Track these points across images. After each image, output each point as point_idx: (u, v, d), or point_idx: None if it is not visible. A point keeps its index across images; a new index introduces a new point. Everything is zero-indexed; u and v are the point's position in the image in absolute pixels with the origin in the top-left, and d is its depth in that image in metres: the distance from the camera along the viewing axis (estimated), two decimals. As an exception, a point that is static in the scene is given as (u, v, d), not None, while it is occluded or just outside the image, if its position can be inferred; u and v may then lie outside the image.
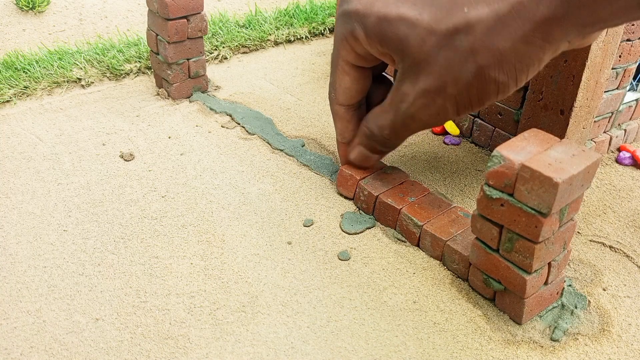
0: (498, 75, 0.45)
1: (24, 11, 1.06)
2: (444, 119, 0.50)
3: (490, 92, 0.47)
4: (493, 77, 0.45)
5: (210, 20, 1.05)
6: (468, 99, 0.48)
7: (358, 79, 0.56)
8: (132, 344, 0.45)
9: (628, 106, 0.73)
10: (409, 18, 0.47)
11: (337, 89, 0.57)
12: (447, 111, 0.49)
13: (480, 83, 0.46)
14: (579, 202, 0.46)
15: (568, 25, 0.42)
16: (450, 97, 0.48)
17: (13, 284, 0.50)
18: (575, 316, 0.49)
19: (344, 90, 0.57)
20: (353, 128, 0.59)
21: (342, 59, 0.54)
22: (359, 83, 0.56)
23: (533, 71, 0.46)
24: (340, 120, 0.59)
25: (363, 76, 0.56)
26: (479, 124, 0.74)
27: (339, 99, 0.58)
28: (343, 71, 0.55)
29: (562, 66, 0.61)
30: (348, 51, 0.53)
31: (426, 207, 0.57)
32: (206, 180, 0.65)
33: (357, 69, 0.55)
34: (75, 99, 0.80)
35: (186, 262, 0.53)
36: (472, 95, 0.47)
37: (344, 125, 0.60)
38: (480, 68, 0.45)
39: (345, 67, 0.55)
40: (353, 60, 0.54)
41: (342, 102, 0.58)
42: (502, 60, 0.44)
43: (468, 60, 0.45)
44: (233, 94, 0.84)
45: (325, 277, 0.52)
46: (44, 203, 0.60)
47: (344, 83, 0.56)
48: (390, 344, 0.46)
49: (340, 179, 0.62)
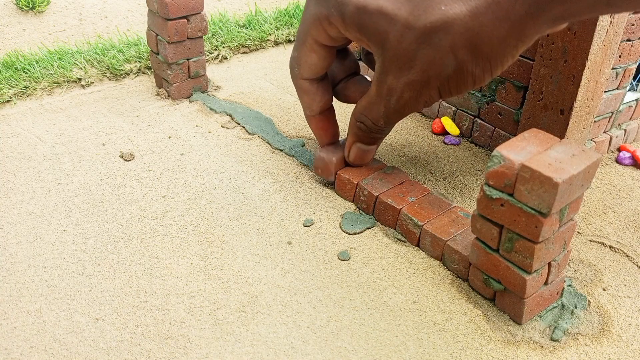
0: (475, 69, 0.48)
1: (24, 11, 1.06)
2: (431, 104, 0.54)
3: (468, 83, 0.50)
4: (471, 71, 0.48)
5: (210, 20, 1.05)
6: (449, 88, 0.51)
7: (325, 56, 0.57)
8: (132, 344, 0.45)
9: (628, 106, 0.73)
10: (387, 12, 0.48)
11: (303, 64, 0.58)
12: (433, 98, 0.52)
13: (459, 76, 0.49)
14: (579, 202, 0.46)
15: (541, 21, 0.44)
16: (434, 87, 0.51)
17: (13, 284, 0.50)
18: (575, 316, 0.49)
19: (310, 66, 0.58)
20: (320, 99, 0.61)
21: (311, 37, 0.55)
22: (325, 60, 0.58)
23: (507, 64, 0.49)
24: (306, 94, 0.60)
25: (330, 54, 0.57)
26: (479, 124, 0.74)
27: (304, 74, 0.59)
28: (311, 49, 0.56)
29: (562, 66, 0.61)
30: (320, 32, 0.54)
31: (426, 207, 0.57)
32: (206, 180, 0.65)
33: (325, 48, 0.56)
34: (75, 99, 0.80)
35: (186, 262, 0.53)
36: (452, 86, 0.50)
37: (310, 98, 0.60)
38: (460, 63, 0.48)
39: (314, 45, 0.56)
40: (323, 40, 0.55)
41: (307, 77, 0.59)
42: (480, 56, 0.47)
43: (448, 57, 0.48)
44: (233, 94, 0.84)
45: (325, 277, 0.52)
46: (44, 203, 0.60)
47: (311, 60, 0.57)
48: (390, 344, 0.46)
49: (339, 183, 0.62)
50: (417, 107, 0.53)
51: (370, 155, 0.62)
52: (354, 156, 0.61)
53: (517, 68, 0.67)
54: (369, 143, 0.60)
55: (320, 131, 0.63)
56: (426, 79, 0.50)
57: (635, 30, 0.64)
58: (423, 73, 0.49)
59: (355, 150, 0.61)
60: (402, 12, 0.48)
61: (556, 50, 0.60)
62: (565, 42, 0.59)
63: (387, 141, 0.74)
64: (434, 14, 0.46)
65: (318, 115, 0.62)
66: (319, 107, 0.61)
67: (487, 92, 0.72)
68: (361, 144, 0.60)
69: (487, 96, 0.72)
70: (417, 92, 0.51)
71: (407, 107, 0.53)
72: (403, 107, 0.53)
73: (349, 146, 0.61)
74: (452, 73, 0.49)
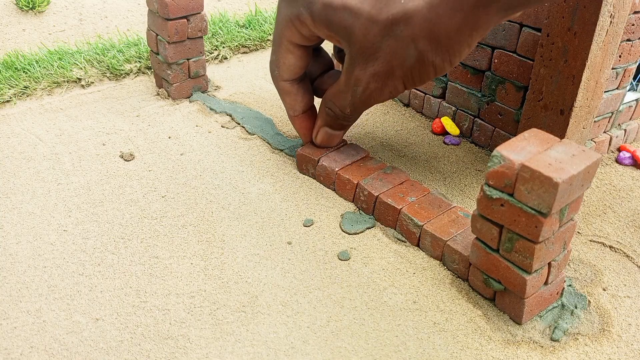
0: (435, 59, 0.51)
1: (24, 11, 1.06)
2: (396, 95, 0.56)
3: (430, 73, 0.52)
4: (431, 61, 0.51)
5: (210, 20, 1.05)
6: (412, 78, 0.53)
7: (301, 56, 0.60)
8: (132, 344, 0.45)
9: (628, 106, 0.73)
10: (351, 7, 0.51)
11: (281, 66, 0.61)
12: (397, 89, 0.55)
13: (421, 66, 0.52)
14: (579, 202, 0.46)
15: (493, 12, 0.47)
16: (398, 78, 0.53)
17: (13, 284, 0.50)
18: (575, 316, 0.49)
19: (288, 67, 0.61)
20: (301, 99, 0.64)
21: (286, 39, 0.58)
22: (302, 60, 0.60)
23: (465, 53, 0.51)
24: (288, 95, 0.63)
25: (305, 53, 0.60)
26: (479, 124, 0.74)
27: (283, 75, 0.62)
28: (287, 50, 0.59)
29: (562, 66, 0.61)
30: (293, 32, 0.57)
31: (426, 207, 0.57)
32: (206, 180, 0.65)
33: (300, 48, 0.59)
34: (75, 99, 0.80)
35: (186, 262, 0.53)
36: (415, 76, 0.53)
37: (292, 99, 0.63)
38: (421, 53, 0.51)
39: (289, 46, 0.59)
40: (297, 40, 0.58)
41: (286, 78, 0.62)
42: (438, 46, 0.50)
43: (410, 47, 0.50)
44: (233, 94, 0.84)
45: (325, 277, 0.52)
46: (44, 203, 0.60)
47: (288, 61, 0.60)
48: (390, 344, 0.46)
49: (339, 183, 0.62)
50: (382, 98, 0.56)
51: (336, 139, 0.65)
52: (320, 138, 0.65)
53: (517, 68, 0.67)
54: (336, 129, 0.63)
55: (304, 130, 0.66)
56: (390, 69, 0.52)
57: (635, 30, 0.64)
58: (387, 64, 0.52)
59: (323, 134, 0.64)
60: (365, 7, 0.51)
61: (556, 50, 0.60)
62: (565, 42, 0.59)
63: (387, 141, 0.74)
64: (394, 6, 0.49)
65: (301, 115, 0.65)
66: (301, 107, 0.64)
67: (487, 92, 0.72)
68: (329, 128, 0.63)
69: (487, 96, 0.72)
70: (382, 82, 0.54)
71: (372, 97, 0.56)
72: (369, 97, 0.56)
73: (317, 129, 0.64)
74: (414, 63, 0.51)
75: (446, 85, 0.77)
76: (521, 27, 0.66)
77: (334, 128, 0.63)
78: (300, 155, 0.66)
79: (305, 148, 0.66)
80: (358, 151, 0.66)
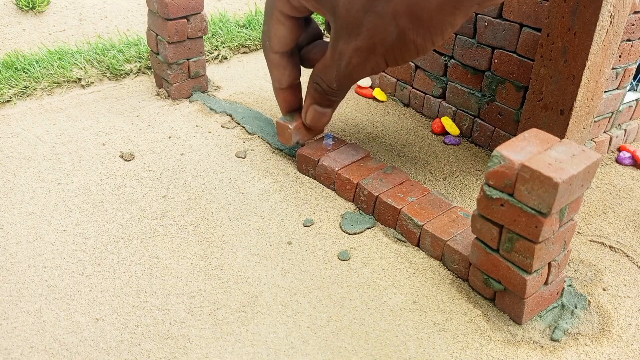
0: (416, 38, 0.50)
1: (24, 11, 1.06)
2: (378, 71, 0.56)
3: (411, 51, 0.52)
4: (412, 39, 0.51)
5: (210, 20, 1.05)
6: (393, 56, 0.53)
7: (292, 28, 0.60)
8: (132, 344, 0.45)
9: (628, 106, 0.73)
10: None
11: (272, 37, 0.61)
12: (380, 65, 0.55)
13: (402, 44, 0.51)
14: (579, 202, 0.46)
15: None
16: (380, 54, 0.53)
17: (13, 284, 0.50)
18: (575, 316, 0.49)
19: (279, 38, 0.61)
20: (289, 74, 0.64)
21: (277, 9, 0.58)
22: (293, 31, 0.60)
23: (447, 34, 0.51)
24: (276, 67, 0.64)
25: (296, 25, 0.60)
26: (479, 124, 0.74)
27: (274, 47, 0.62)
28: (278, 21, 0.59)
29: (562, 66, 0.61)
30: (284, 3, 0.57)
31: (426, 207, 0.57)
32: (206, 180, 0.65)
33: (291, 19, 0.59)
34: (75, 99, 0.80)
35: (186, 262, 0.53)
36: (396, 53, 0.53)
37: (280, 72, 0.64)
38: (402, 30, 0.50)
39: (280, 17, 0.59)
40: (288, 11, 0.58)
41: (277, 50, 0.62)
42: (419, 24, 0.49)
43: (391, 24, 0.50)
44: (233, 94, 0.84)
45: (325, 277, 0.52)
46: (44, 203, 0.60)
47: (279, 32, 0.60)
48: (390, 344, 0.46)
49: (339, 183, 0.62)
50: (364, 73, 0.56)
51: (326, 119, 0.65)
52: (310, 117, 0.64)
53: (517, 68, 0.67)
54: (325, 105, 0.63)
55: (285, 103, 0.67)
56: (372, 45, 0.52)
57: (635, 30, 0.64)
58: (369, 39, 0.52)
59: (312, 112, 0.64)
60: None
61: (556, 50, 0.60)
62: (565, 42, 0.59)
63: (387, 141, 0.74)
64: None
65: (286, 88, 0.65)
66: (288, 81, 0.64)
67: (487, 92, 0.72)
68: (317, 106, 0.63)
69: (487, 96, 0.72)
70: (364, 57, 0.54)
71: (355, 71, 0.56)
72: (352, 71, 0.56)
73: (307, 108, 0.64)
74: (395, 40, 0.51)
75: (446, 85, 0.77)
76: (521, 27, 0.66)
77: (323, 105, 0.63)
78: (300, 156, 0.66)
79: (305, 148, 0.66)
80: (358, 151, 0.66)
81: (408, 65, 0.81)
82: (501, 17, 0.68)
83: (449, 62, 0.76)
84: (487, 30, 0.70)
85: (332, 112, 0.65)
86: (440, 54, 0.77)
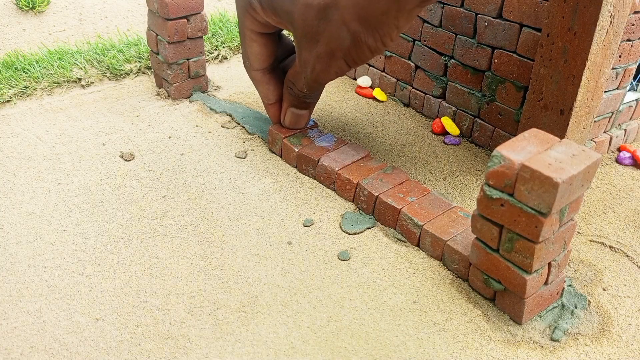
0: (368, 40, 0.54)
1: (24, 11, 1.06)
2: (343, 72, 0.59)
3: (366, 52, 0.55)
4: (364, 41, 0.54)
5: (210, 20, 1.05)
6: (352, 58, 0.56)
7: (265, 44, 0.63)
8: (132, 344, 0.45)
9: (628, 106, 0.73)
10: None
11: (250, 56, 0.64)
12: (342, 68, 0.58)
13: (356, 47, 0.54)
14: (579, 202, 0.46)
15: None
16: (340, 58, 0.56)
17: (13, 284, 0.50)
18: (575, 316, 0.49)
19: (256, 56, 0.64)
20: (274, 89, 0.67)
21: (247, 28, 0.61)
22: (267, 47, 0.63)
23: (394, 35, 0.54)
24: (261, 84, 0.66)
25: (269, 41, 0.63)
26: (479, 124, 0.74)
27: (254, 65, 0.65)
28: (250, 39, 0.62)
29: (562, 66, 0.61)
30: (251, 21, 0.60)
31: (426, 207, 0.57)
32: (206, 180, 0.65)
33: (262, 35, 0.62)
34: (75, 99, 0.80)
35: (186, 262, 0.53)
36: (354, 56, 0.56)
37: (265, 88, 0.67)
38: (354, 34, 0.53)
39: (251, 35, 0.62)
40: (257, 28, 0.61)
41: (257, 68, 0.65)
42: (368, 28, 0.53)
43: (343, 30, 0.53)
44: (233, 94, 0.84)
45: (325, 277, 0.52)
46: (44, 203, 0.60)
47: (254, 49, 0.63)
48: (390, 344, 0.46)
49: (339, 183, 0.63)
50: (329, 76, 0.59)
51: (304, 120, 0.68)
52: (288, 120, 0.68)
53: (517, 68, 0.67)
54: (301, 108, 0.66)
55: (276, 118, 0.69)
56: (331, 50, 0.55)
57: (636, 30, 0.64)
58: (327, 46, 0.55)
59: (290, 115, 0.67)
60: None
61: (556, 50, 0.60)
62: (565, 42, 0.59)
63: (387, 141, 0.74)
64: None
65: (274, 103, 0.68)
66: (274, 96, 0.67)
67: (487, 92, 0.72)
68: (294, 108, 0.66)
69: (487, 96, 0.72)
70: (326, 63, 0.57)
71: (320, 76, 0.59)
72: (317, 77, 0.59)
73: (285, 111, 0.67)
74: (350, 44, 0.54)
75: (446, 85, 0.77)
76: (521, 27, 0.66)
77: (299, 107, 0.66)
78: (300, 156, 0.66)
79: (306, 148, 0.66)
80: (358, 151, 0.66)
81: (408, 65, 0.81)
82: (501, 17, 0.68)
83: (449, 62, 0.76)
84: (487, 30, 0.70)
85: (310, 113, 0.68)
86: (440, 54, 0.77)
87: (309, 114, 0.68)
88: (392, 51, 0.83)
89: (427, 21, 0.77)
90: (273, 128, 0.69)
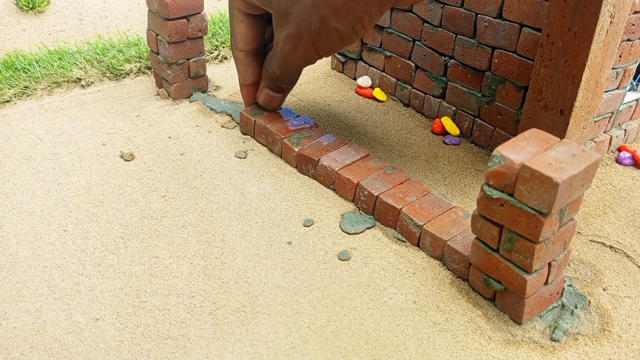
0: (337, 25, 0.54)
1: (24, 11, 1.06)
2: (312, 60, 0.60)
3: (336, 39, 0.56)
4: (334, 27, 0.54)
5: (210, 20, 1.05)
6: (321, 44, 0.57)
7: (251, 25, 0.65)
8: (132, 344, 0.45)
9: (628, 106, 0.73)
10: None
11: (236, 35, 0.66)
12: (310, 53, 0.59)
13: (325, 31, 0.55)
14: (579, 202, 0.46)
15: None
16: (308, 42, 0.57)
17: (13, 284, 0.50)
18: (575, 316, 0.49)
19: (241, 36, 0.65)
20: (252, 72, 0.68)
21: (236, 8, 0.63)
22: (253, 29, 0.65)
23: (367, 23, 0.54)
24: (241, 65, 0.68)
25: (256, 23, 0.65)
26: (479, 124, 0.74)
27: (238, 45, 0.66)
28: (238, 19, 0.64)
29: (562, 66, 0.61)
30: (239, 1, 0.62)
31: (426, 207, 0.57)
32: (206, 180, 0.65)
33: (249, 17, 0.64)
34: (75, 99, 0.80)
35: (186, 262, 0.53)
36: (323, 41, 0.56)
37: (244, 70, 0.68)
38: (323, 18, 0.54)
39: (239, 15, 0.64)
40: (244, 8, 0.63)
41: (241, 48, 0.66)
42: (337, 12, 0.53)
43: (313, 12, 0.54)
44: (233, 94, 0.84)
45: (325, 277, 0.52)
46: (44, 203, 0.60)
47: (240, 29, 0.65)
48: (390, 344, 0.46)
49: (339, 183, 0.63)
50: (296, 60, 0.60)
51: (277, 102, 0.70)
52: (262, 99, 0.70)
53: (517, 68, 0.67)
54: (275, 90, 0.68)
55: (248, 98, 0.72)
56: (299, 32, 0.56)
57: (636, 30, 0.64)
58: (296, 27, 0.56)
59: (264, 94, 0.69)
60: None
61: (556, 50, 0.60)
62: (565, 42, 0.59)
63: (387, 141, 0.74)
64: None
65: (250, 85, 0.70)
66: (251, 79, 0.69)
67: (487, 92, 0.72)
68: (269, 90, 0.68)
69: (487, 96, 0.72)
70: (294, 44, 0.58)
71: (288, 58, 0.60)
72: (285, 57, 0.60)
73: (261, 89, 0.69)
74: (319, 28, 0.55)
75: (446, 85, 0.77)
76: (521, 27, 0.66)
77: (273, 90, 0.68)
78: (300, 156, 0.66)
79: (306, 148, 0.66)
80: (358, 151, 0.66)
81: (408, 65, 0.81)
82: (501, 17, 0.68)
83: (449, 62, 0.76)
84: (487, 30, 0.70)
85: (284, 98, 0.70)
86: (440, 54, 0.77)
87: (282, 98, 0.70)
88: (392, 51, 0.83)
89: (427, 21, 0.77)
90: (244, 111, 0.71)
